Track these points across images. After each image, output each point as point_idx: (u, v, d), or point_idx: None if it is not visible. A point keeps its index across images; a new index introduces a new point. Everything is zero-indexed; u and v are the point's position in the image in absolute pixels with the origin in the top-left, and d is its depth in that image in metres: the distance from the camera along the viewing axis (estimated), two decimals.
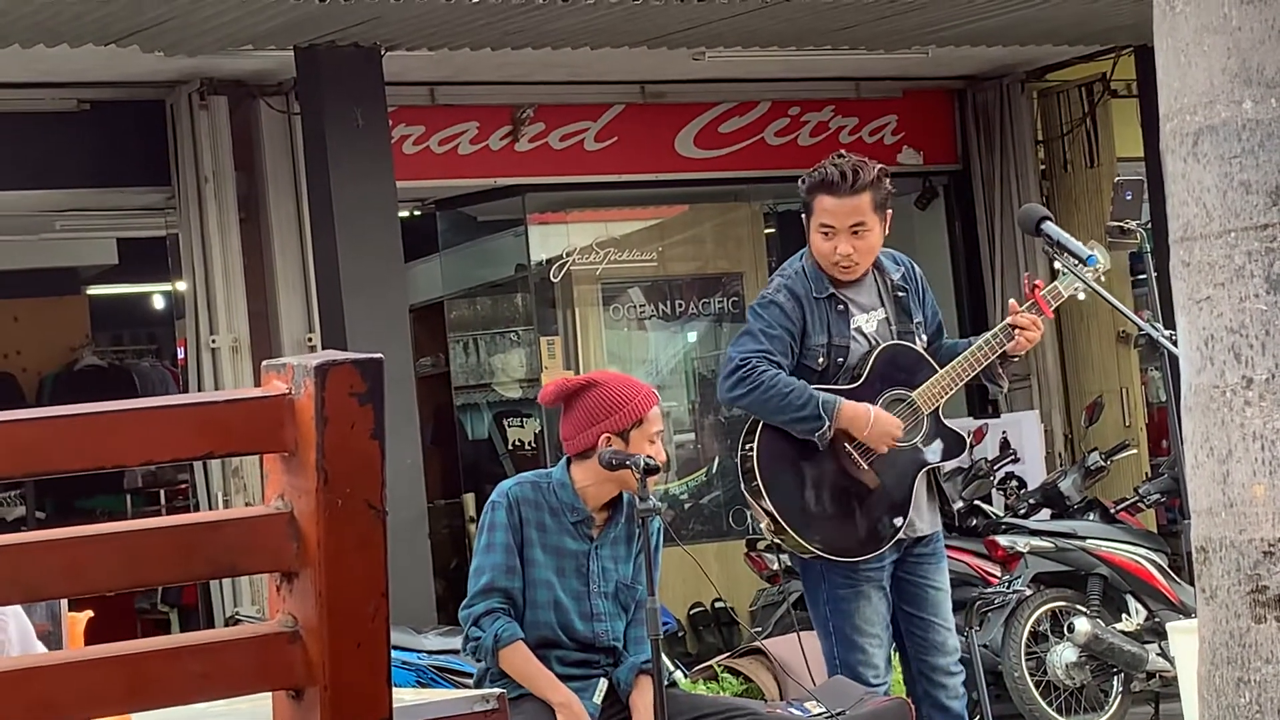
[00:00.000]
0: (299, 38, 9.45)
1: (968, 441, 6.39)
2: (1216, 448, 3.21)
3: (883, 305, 6.09)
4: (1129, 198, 6.56)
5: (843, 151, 6.17)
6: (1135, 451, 11.15)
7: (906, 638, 6.19)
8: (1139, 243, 6.43)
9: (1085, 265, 6.12)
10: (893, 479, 6.01)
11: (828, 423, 5.84)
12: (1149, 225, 6.60)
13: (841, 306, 6.02)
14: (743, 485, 6.04)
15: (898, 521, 6.00)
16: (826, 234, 5.96)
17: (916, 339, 6.12)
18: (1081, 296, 6.13)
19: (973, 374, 6.04)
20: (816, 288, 6.00)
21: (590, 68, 10.81)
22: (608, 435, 5.52)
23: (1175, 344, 4.30)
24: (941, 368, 6.06)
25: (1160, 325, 6.13)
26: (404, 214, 11.05)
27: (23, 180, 10.32)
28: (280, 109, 10.52)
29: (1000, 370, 6.11)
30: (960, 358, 6.06)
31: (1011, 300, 6.26)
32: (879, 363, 6.01)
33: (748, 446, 5.98)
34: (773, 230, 12.53)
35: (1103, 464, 9.97)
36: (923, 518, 6.08)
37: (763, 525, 6.01)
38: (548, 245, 11.79)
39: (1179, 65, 3.25)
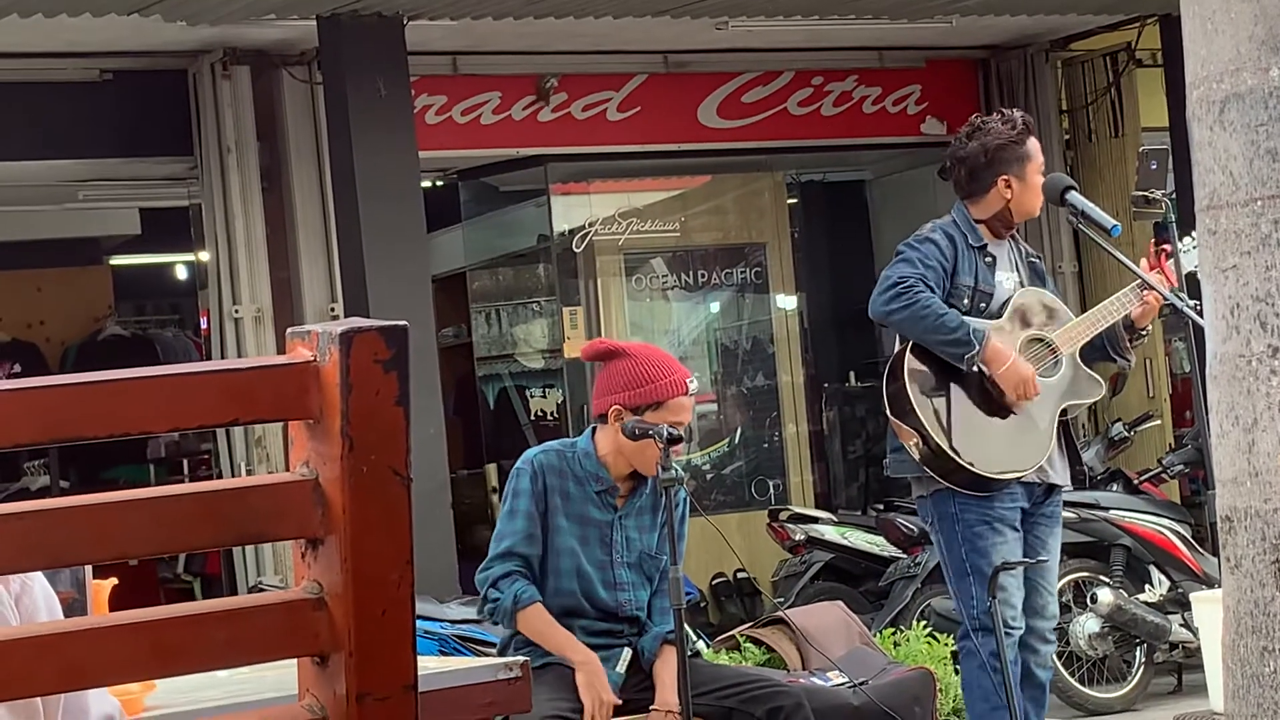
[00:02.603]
0: (321, 7, 9.45)
1: (1104, 387, 6.60)
2: (1242, 417, 3.20)
3: (1017, 271, 6.37)
4: (1154, 167, 6.55)
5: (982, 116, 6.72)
6: (1159, 422, 11.13)
7: None
8: (1164, 212, 6.42)
9: (1109, 235, 6.17)
10: (1035, 409, 6.19)
11: (977, 347, 6.06)
12: (1174, 194, 6.58)
13: (990, 259, 6.30)
14: (889, 410, 6.19)
15: (1039, 450, 6.18)
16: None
17: None
18: (1190, 267, 6.21)
19: (1109, 323, 6.28)
20: (971, 237, 6.31)
21: (613, 37, 10.79)
22: (619, 408, 5.50)
23: (1200, 313, 4.29)
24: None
25: (1185, 294, 6.13)
26: (426, 184, 11.04)
27: (45, 150, 10.33)
28: (303, 79, 10.51)
29: (1127, 343, 6.35)
30: (1097, 306, 6.39)
31: (1143, 260, 6.41)
32: (1020, 305, 6.29)
33: (894, 383, 6.17)
34: (795, 200, 12.49)
35: (1126, 435, 9.96)
36: (1054, 466, 6.26)
37: (911, 444, 6.12)
38: (570, 215, 11.78)
39: (1206, 33, 3.23)
